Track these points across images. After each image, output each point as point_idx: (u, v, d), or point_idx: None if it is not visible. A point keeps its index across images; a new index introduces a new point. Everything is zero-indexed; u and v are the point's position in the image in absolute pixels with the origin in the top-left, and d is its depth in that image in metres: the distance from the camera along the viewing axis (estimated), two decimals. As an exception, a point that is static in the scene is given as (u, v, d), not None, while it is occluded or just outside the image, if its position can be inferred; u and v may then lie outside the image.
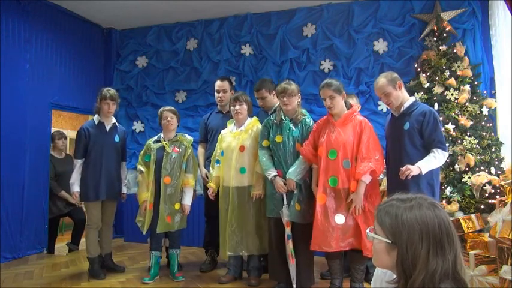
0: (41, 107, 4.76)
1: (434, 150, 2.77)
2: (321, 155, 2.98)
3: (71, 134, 6.92)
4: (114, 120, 3.93)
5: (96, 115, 3.84)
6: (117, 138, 3.87)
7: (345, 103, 3.10)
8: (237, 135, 3.51)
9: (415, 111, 2.87)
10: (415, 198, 1.12)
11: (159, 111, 3.80)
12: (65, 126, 7.22)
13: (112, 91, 3.84)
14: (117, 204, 4.03)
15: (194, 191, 3.85)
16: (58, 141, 4.87)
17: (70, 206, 4.75)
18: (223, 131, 3.65)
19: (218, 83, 4.06)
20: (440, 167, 3.83)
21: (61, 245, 5.02)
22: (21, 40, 4.54)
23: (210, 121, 4.08)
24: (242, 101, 3.51)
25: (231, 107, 3.57)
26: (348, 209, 2.89)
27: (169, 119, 3.66)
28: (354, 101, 3.64)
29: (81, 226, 4.77)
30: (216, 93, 4.07)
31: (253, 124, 3.53)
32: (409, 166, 2.67)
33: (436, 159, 2.76)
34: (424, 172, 2.70)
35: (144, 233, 3.63)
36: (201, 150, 4.11)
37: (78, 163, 3.73)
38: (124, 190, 3.97)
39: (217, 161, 3.59)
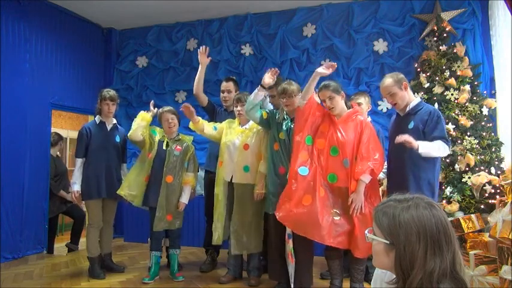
0: (41, 107, 4.77)
1: (435, 141, 2.74)
2: (322, 148, 2.98)
3: (71, 134, 6.92)
4: (115, 121, 3.95)
5: (98, 116, 3.86)
6: (118, 138, 3.88)
7: (346, 104, 3.10)
8: (241, 132, 3.52)
9: (421, 111, 2.87)
10: (412, 198, 1.12)
11: (158, 113, 3.76)
12: (65, 126, 7.21)
13: (112, 92, 3.86)
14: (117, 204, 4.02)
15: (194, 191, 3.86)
16: (62, 144, 4.94)
17: (68, 203, 4.76)
18: (230, 120, 3.67)
19: (223, 83, 4.08)
20: (441, 166, 3.85)
21: (61, 245, 5.02)
22: (21, 40, 4.54)
23: (218, 115, 4.06)
24: (244, 102, 3.51)
25: (234, 108, 3.60)
26: (346, 209, 2.88)
27: (170, 120, 3.66)
28: (365, 100, 3.62)
29: (80, 223, 4.78)
30: (221, 93, 4.08)
31: None
32: (407, 135, 2.63)
33: (436, 146, 2.72)
34: (420, 150, 2.64)
35: (134, 203, 3.62)
36: None
37: (79, 162, 3.73)
38: None
39: (214, 127, 3.64)
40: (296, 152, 3.02)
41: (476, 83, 4.16)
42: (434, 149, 2.73)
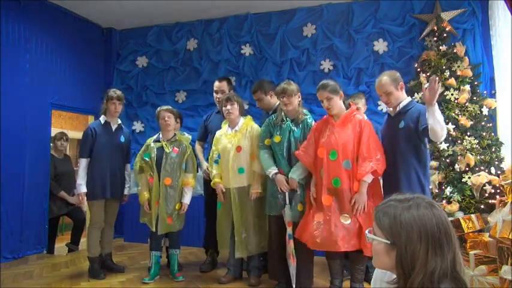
0: (41, 107, 4.76)
1: None
2: (322, 156, 2.97)
3: (71, 134, 6.92)
4: (119, 121, 3.95)
5: (103, 116, 3.85)
6: (122, 139, 3.89)
7: (344, 103, 3.10)
8: (232, 136, 3.50)
9: (411, 110, 2.87)
10: (413, 198, 1.12)
11: (156, 111, 3.79)
12: (65, 126, 7.22)
13: (119, 92, 3.87)
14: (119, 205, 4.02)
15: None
16: (57, 142, 4.87)
17: (70, 206, 4.76)
18: (217, 133, 3.65)
19: (216, 83, 4.04)
20: (440, 167, 3.85)
21: (61, 245, 5.02)
22: (21, 40, 4.54)
23: (210, 121, 4.07)
24: (233, 101, 3.51)
25: (223, 107, 3.56)
26: (352, 210, 2.88)
27: (166, 118, 3.65)
28: (362, 102, 3.62)
29: (80, 226, 4.77)
30: (214, 94, 4.05)
31: (247, 123, 3.53)
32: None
33: (441, 118, 2.65)
34: (435, 107, 2.59)
35: (154, 230, 3.58)
36: (198, 147, 4.11)
37: (83, 162, 3.71)
38: (126, 191, 3.95)
39: (216, 161, 3.59)
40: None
41: (476, 83, 4.16)
42: (440, 119, 2.65)
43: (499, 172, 3.73)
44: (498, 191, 3.58)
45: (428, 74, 4.24)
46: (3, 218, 4.21)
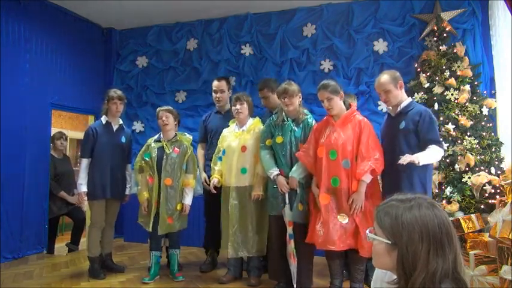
0: (41, 107, 4.76)
1: (430, 146, 2.76)
2: (322, 156, 2.97)
3: (71, 134, 6.93)
4: (121, 121, 3.96)
5: (104, 116, 3.86)
6: (123, 139, 3.89)
7: (344, 103, 3.10)
8: (239, 135, 3.51)
9: (411, 111, 2.88)
10: (415, 198, 1.12)
11: (156, 111, 3.80)
12: (65, 126, 7.22)
13: (119, 91, 3.89)
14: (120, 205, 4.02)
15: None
16: (57, 142, 4.87)
17: (70, 206, 4.76)
18: (224, 130, 3.66)
19: (215, 83, 4.04)
20: (440, 167, 3.86)
21: (61, 245, 5.02)
22: (21, 40, 4.54)
23: (209, 122, 4.07)
24: (243, 101, 3.52)
25: (232, 107, 3.58)
26: (350, 209, 2.89)
27: (164, 118, 3.65)
28: (353, 102, 3.63)
29: (80, 226, 4.77)
30: (213, 94, 4.06)
31: (255, 125, 3.54)
32: (408, 155, 2.63)
33: (432, 154, 2.75)
34: (421, 163, 2.64)
35: (150, 230, 3.59)
36: (200, 151, 4.09)
37: (84, 162, 3.72)
38: (127, 191, 3.96)
39: (220, 158, 3.59)
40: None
41: (476, 83, 4.16)
42: (432, 157, 2.78)
43: (499, 172, 3.73)
44: (498, 191, 3.58)
45: (428, 74, 4.24)
46: (3, 218, 4.21)
